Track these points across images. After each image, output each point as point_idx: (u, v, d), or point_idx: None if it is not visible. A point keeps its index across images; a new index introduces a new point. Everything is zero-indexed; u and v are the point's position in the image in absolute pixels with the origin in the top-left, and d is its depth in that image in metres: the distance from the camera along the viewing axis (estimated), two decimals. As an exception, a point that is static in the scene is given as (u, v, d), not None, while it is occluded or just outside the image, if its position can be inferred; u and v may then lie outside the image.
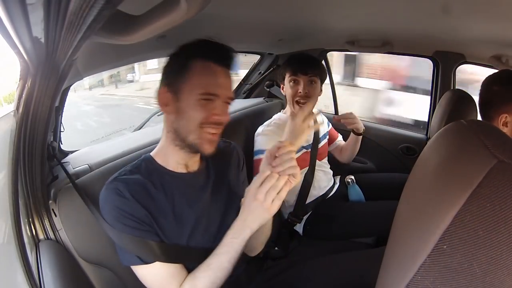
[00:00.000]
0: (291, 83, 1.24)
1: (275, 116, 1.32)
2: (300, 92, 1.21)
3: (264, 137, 1.20)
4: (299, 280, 0.88)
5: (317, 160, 1.29)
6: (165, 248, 0.66)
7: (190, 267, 0.68)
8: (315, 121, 1.18)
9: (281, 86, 1.32)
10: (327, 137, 1.43)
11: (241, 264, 0.80)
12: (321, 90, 1.28)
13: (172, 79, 0.68)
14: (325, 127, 1.44)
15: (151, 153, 0.74)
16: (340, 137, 1.51)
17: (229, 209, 0.76)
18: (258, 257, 0.88)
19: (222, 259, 0.63)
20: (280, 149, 0.62)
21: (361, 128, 1.31)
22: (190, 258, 0.69)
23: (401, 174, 1.42)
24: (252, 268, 0.87)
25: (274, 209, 0.60)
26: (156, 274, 0.65)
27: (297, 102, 1.22)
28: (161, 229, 0.66)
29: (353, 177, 1.37)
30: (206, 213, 0.73)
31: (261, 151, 1.17)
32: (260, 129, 1.25)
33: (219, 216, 0.75)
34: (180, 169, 0.73)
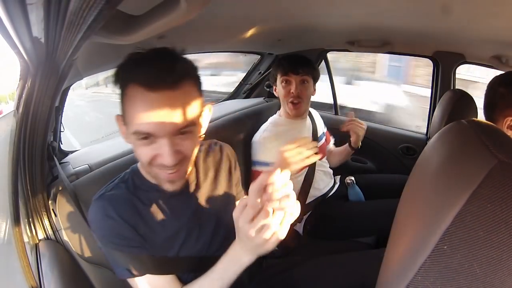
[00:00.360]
0: (282, 84, 1.22)
1: (271, 120, 1.30)
2: (292, 93, 1.19)
3: (260, 145, 1.18)
4: (299, 280, 0.88)
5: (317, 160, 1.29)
6: (155, 261, 0.64)
7: (184, 277, 0.67)
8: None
9: (274, 87, 1.29)
10: (325, 137, 1.42)
11: None
12: (315, 90, 1.27)
13: (121, 107, 0.57)
14: (322, 127, 1.43)
15: (138, 164, 0.69)
16: (332, 142, 1.50)
17: (222, 215, 0.73)
18: (258, 257, 0.88)
19: (215, 284, 0.59)
20: (272, 179, 0.46)
21: (359, 142, 1.27)
22: (183, 269, 0.68)
23: (401, 176, 1.42)
24: (252, 267, 0.87)
25: (271, 246, 0.49)
26: (147, 285, 0.64)
27: (291, 103, 1.21)
28: (150, 244, 0.65)
29: (353, 178, 1.37)
30: (197, 222, 0.70)
31: (259, 163, 1.16)
32: (256, 136, 1.23)
33: (212, 223, 0.72)
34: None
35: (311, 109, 1.40)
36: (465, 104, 1.14)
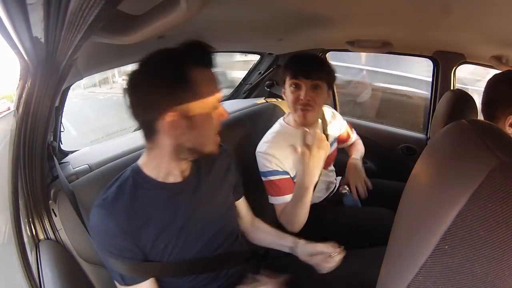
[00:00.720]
0: (291, 88, 1.06)
1: (275, 127, 1.17)
2: (301, 99, 1.04)
3: (265, 155, 1.07)
4: (299, 279, 0.88)
5: (322, 169, 1.15)
6: (151, 267, 0.66)
7: (184, 279, 0.68)
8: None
9: (282, 90, 1.16)
10: (336, 143, 1.29)
11: (240, 262, 0.80)
12: (329, 96, 1.11)
13: (175, 98, 0.60)
14: (337, 130, 1.30)
15: (139, 162, 0.70)
16: (353, 137, 1.39)
17: (222, 215, 0.75)
18: (258, 255, 0.88)
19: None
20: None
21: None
22: (180, 272, 0.69)
23: (400, 183, 1.38)
24: (252, 266, 0.87)
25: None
26: None
27: (300, 110, 1.06)
28: (150, 249, 0.65)
29: (348, 188, 1.26)
30: (195, 223, 0.70)
31: (268, 173, 1.07)
32: (261, 147, 1.10)
33: (212, 223, 0.73)
34: (172, 179, 0.69)
35: (329, 109, 1.31)
36: (465, 104, 1.13)
